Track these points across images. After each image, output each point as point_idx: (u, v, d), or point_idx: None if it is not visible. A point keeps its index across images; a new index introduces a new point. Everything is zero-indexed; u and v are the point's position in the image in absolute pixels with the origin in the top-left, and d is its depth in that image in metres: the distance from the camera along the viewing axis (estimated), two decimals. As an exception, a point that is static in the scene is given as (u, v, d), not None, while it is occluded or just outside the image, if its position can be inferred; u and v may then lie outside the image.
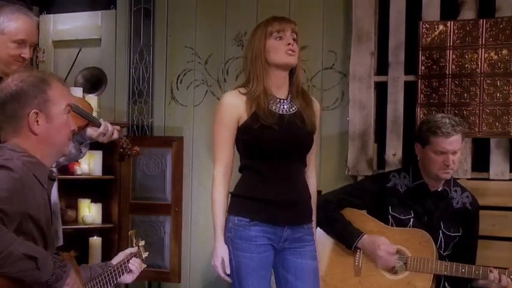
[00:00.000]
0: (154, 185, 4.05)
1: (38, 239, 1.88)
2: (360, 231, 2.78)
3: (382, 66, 3.65)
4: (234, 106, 2.45)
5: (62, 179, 3.96)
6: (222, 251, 2.42)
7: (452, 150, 2.74)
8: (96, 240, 4.01)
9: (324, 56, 3.88)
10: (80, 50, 2.85)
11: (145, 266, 2.44)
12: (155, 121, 4.37)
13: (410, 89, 3.55)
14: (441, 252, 2.81)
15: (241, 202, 2.46)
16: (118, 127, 2.73)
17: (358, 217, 2.87)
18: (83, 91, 4.11)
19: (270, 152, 2.42)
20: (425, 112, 3.48)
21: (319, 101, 3.78)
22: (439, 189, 2.87)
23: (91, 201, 4.12)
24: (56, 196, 2.80)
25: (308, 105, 2.53)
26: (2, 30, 2.51)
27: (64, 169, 4.04)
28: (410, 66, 3.56)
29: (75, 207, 4.12)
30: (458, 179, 3.40)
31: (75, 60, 2.83)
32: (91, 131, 2.63)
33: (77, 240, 4.06)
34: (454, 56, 3.47)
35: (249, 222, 2.41)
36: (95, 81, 4.27)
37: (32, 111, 1.91)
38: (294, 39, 2.47)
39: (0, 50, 2.53)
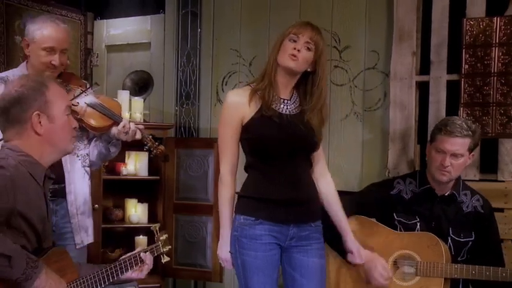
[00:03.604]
0: (197, 185, 4.10)
1: (29, 234, 1.97)
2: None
3: (424, 66, 3.56)
4: (237, 105, 2.46)
5: (109, 179, 4.11)
6: (226, 249, 2.48)
7: (451, 151, 2.66)
8: (141, 240, 4.09)
9: (366, 56, 3.82)
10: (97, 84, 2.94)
11: (168, 259, 2.50)
12: (201, 123, 4.43)
13: (453, 89, 3.45)
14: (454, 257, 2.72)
15: (247, 202, 2.47)
16: (141, 126, 2.77)
17: (366, 224, 2.82)
18: (130, 94, 4.23)
19: (273, 150, 2.41)
20: (469, 112, 3.37)
21: (360, 101, 3.81)
22: (446, 194, 2.78)
23: (137, 201, 4.22)
24: (88, 193, 2.88)
25: (320, 124, 2.50)
26: (33, 38, 2.68)
27: (111, 170, 4.17)
28: (453, 65, 3.45)
29: (122, 207, 4.23)
30: (503, 181, 3.28)
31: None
32: (114, 130, 2.71)
33: (123, 239, 4.18)
34: (500, 54, 3.34)
35: (254, 221, 2.42)
36: (142, 85, 4.38)
37: (34, 113, 2.01)
38: (308, 48, 2.43)
39: (33, 57, 2.70)
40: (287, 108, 2.48)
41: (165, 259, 2.50)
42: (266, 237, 2.41)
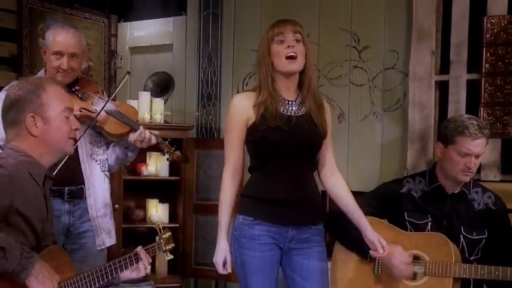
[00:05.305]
0: (216, 186, 4.07)
1: (27, 232, 2.00)
2: None
3: (444, 65, 3.52)
4: (243, 108, 2.46)
5: (130, 179, 4.16)
6: (223, 250, 2.46)
7: (476, 153, 2.64)
8: (162, 240, 4.11)
9: (386, 56, 3.79)
10: (128, 72, 2.98)
11: (172, 257, 2.52)
12: (222, 124, 4.45)
13: (473, 88, 3.40)
14: (466, 256, 2.68)
15: (247, 202, 2.47)
16: (157, 132, 2.80)
17: (375, 225, 2.77)
18: (152, 95, 4.28)
19: (276, 152, 2.41)
20: (489, 112, 3.32)
21: (380, 101, 3.78)
22: (456, 192, 2.74)
23: (159, 202, 4.26)
24: (108, 197, 2.92)
25: (319, 110, 2.49)
26: (46, 44, 2.75)
27: (132, 170, 4.22)
28: (473, 64, 3.40)
29: (143, 207, 4.28)
30: None
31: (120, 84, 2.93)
32: (132, 136, 2.75)
33: (144, 239, 4.20)
34: (522, 52, 3.28)
35: (253, 221, 2.42)
36: (164, 86, 4.42)
37: (28, 115, 2.06)
38: (297, 40, 2.42)
39: (47, 63, 2.77)
40: (292, 109, 2.47)
41: (169, 257, 2.52)
42: (264, 237, 2.41)
